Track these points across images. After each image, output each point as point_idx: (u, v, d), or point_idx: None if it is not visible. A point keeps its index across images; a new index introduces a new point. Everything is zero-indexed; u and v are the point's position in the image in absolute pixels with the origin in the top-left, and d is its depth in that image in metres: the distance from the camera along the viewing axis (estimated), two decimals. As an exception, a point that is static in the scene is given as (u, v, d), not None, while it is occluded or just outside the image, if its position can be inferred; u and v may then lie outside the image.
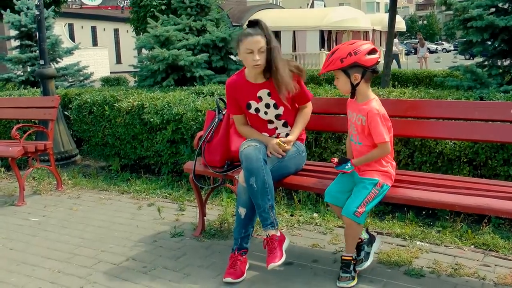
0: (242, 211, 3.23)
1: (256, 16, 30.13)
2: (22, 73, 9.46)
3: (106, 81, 12.51)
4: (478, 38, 6.01)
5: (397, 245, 3.64)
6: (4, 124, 7.27)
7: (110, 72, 26.72)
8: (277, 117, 3.51)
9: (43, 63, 6.76)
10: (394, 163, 3.20)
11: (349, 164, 3.06)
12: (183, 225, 4.21)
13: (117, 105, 5.95)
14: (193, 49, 7.36)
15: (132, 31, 16.19)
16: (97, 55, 30.35)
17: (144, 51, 7.99)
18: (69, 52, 9.69)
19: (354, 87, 3.05)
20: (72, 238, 4.11)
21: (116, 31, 37.51)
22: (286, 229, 4.01)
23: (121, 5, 40.19)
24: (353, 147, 3.18)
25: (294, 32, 33.30)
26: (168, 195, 5.11)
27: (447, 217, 4.07)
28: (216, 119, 3.74)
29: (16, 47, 9.91)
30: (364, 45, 3.01)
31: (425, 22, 77.60)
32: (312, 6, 52.69)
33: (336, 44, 34.72)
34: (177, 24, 7.65)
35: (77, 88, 8.52)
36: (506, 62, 6.24)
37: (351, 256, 3.08)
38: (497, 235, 3.68)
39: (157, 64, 7.17)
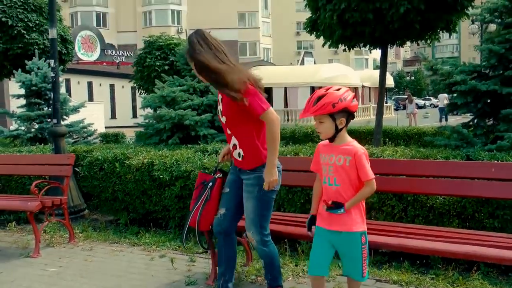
0: None
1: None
2: (30, 130, 9.85)
3: (104, 136, 12.70)
4: (463, 101, 6.53)
5: (395, 291, 3.98)
6: (16, 179, 7.59)
7: (105, 127, 27.19)
8: (225, 124, 3.76)
9: (56, 121, 7.20)
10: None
11: (342, 209, 3.16)
12: (196, 275, 4.53)
13: (127, 162, 6.33)
14: (197, 109, 7.83)
15: (134, 86, 16.78)
16: (93, 110, 30.94)
17: (148, 109, 8.43)
18: (75, 109, 10.15)
19: (338, 131, 3.24)
20: (92, 286, 4.40)
21: (112, 86, 38.29)
22: (292, 278, 4.34)
23: (117, 61, 41.17)
24: (328, 190, 3.26)
25: (285, 88, 34.21)
26: (177, 247, 5.42)
27: (440, 266, 4.43)
28: (210, 183, 3.95)
29: (24, 105, 10.35)
30: (347, 92, 3.22)
31: (412, 78, 79.61)
32: (302, 62, 54.10)
33: (326, 100, 35.71)
34: (182, 85, 8.15)
35: (83, 145, 8.90)
36: (489, 122, 6.74)
37: None
38: (486, 281, 4.04)
39: (163, 123, 7.61)
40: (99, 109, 32.19)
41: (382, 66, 10.07)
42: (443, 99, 23.46)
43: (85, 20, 54.70)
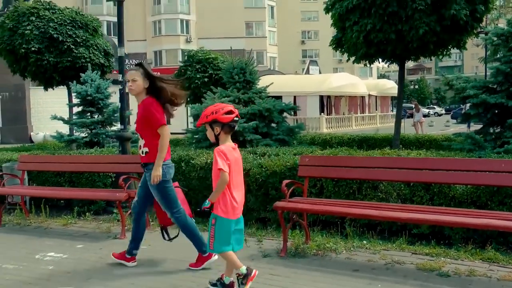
0: None
1: (260, 81, 32.28)
2: (86, 135, 11.05)
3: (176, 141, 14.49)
4: (475, 111, 7.72)
5: (427, 260, 5.13)
6: (86, 177, 8.76)
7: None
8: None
9: (122, 127, 8.41)
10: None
11: (206, 203, 4.32)
12: (267, 250, 5.70)
13: (192, 162, 7.51)
14: (243, 117, 9.02)
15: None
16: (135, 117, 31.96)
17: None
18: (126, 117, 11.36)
19: (216, 137, 4.36)
20: (177, 257, 5.55)
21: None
22: (345, 251, 5.53)
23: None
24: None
25: (294, 97, 35.37)
26: (243, 231, 6.58)
27: (460, 245, 5.60)
28: None
29: (78, 113, 11.54)
30: (224, 108, 4.31)
31: (416, 86, 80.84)
32: (307, 71, 55.21)
33: (334, 109, 36.96)
34: (229, 96, 9.36)
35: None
36: (497, 130, 7.93)
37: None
38: (498, 253, 5.21)
39: (214, 129, 8.79)
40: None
41: (400, 78, 11.28)
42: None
43: (97, 29, 55.96)
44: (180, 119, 38.60)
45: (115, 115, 11.08)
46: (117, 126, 11.54)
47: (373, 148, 10.42)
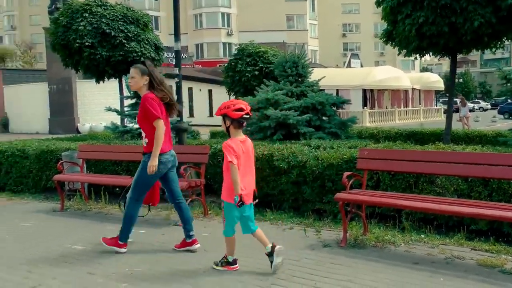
0: None
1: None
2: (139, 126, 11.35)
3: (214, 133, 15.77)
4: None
5: (487, 256, 5.13)
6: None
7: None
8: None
9: (179, 119, 8.62)
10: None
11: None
12: (326, 241, 5.80)
13: (249, 153, 7.64)
14: (296, 110, 9.13)
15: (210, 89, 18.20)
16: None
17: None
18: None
19: (227, 129, 4.83)
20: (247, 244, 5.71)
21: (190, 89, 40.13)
22: (404, 244, 5.58)
23: (173, 63, 42.78)
24: None
25: (337, 90, 35.14)
26: (299, 223, 6.70)
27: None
28: None
29: (131, 105, 11.84)
30: (236, 104, 4.77)
31: (460, 80, 79.10)
32: (349, 64, 54.79)
33: (377, 102, 36.57)
34: (281, 89, 9.47)
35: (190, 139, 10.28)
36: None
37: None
38: None
39: (268, 121, 8.93)
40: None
41: (452, 72, 11.14)
42: None
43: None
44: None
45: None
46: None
47: (421, 143, 10.37)
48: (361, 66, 53.87)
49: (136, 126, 11.57)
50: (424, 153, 6.13)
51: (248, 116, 4.81)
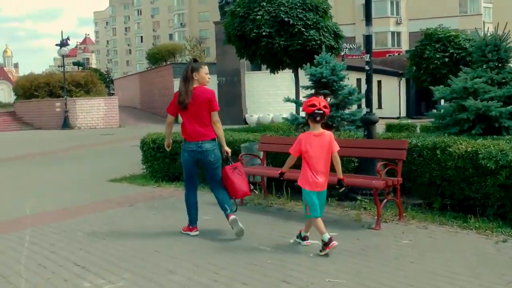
0: None
1: None
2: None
3: (389, 126, 15.04)
4: None
5: None
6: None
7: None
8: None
9: (369, 110, 7.97)
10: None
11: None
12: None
13: (449, 150, 6.72)
14: (498, 101, 7.95)
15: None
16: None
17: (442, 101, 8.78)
18: (358, 100, 10.96)
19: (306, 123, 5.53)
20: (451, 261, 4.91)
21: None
22: None
23: (342, 54, 42.04)
24: None
25: None
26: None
27: None
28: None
29: (309, 95, 11.42)
30: (311, 101, 5.25)
31: None
32: None
33: None
34: (480, 77, 8.33)
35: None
36: None
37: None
38: None
39: (466, 113, 7.89)
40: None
41: None
42: None
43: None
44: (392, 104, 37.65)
45: (350, 97, 10.71)
46: (351, 109, 11.22)
47: None
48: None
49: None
50: None
51: (321, 112, 5.11)
